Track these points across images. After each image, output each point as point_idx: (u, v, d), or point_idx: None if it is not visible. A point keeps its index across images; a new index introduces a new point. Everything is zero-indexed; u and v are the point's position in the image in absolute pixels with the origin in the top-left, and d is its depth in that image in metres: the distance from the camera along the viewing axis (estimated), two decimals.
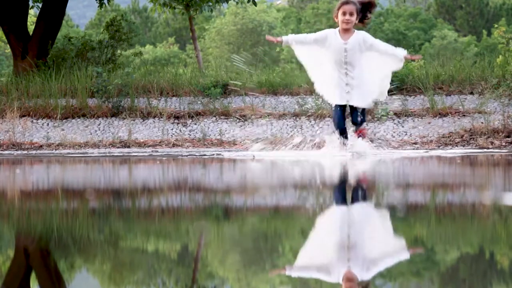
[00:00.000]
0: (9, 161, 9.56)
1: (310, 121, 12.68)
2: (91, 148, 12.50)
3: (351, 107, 9.48)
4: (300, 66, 10.79)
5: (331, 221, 3.66)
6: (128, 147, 12.50)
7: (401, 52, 9.38)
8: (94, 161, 9.35)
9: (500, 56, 14.34)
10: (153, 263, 2.58)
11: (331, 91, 9.50)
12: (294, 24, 56.70)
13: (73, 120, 13.37)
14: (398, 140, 11.99)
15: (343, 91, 9.39)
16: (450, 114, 12.51)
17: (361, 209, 4.10)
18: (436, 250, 2.86)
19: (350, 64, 9.38)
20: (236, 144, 12.32)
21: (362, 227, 3.46)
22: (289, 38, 9.47)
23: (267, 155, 10.29)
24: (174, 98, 13.63)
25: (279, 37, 9.62)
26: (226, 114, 13.10)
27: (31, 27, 17.16)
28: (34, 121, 13.40)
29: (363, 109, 9.66)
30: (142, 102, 13.48)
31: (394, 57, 9.42)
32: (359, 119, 9.54)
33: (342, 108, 9.49)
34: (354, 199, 4.55)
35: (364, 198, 4.64)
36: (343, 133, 9.52)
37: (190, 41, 39.25)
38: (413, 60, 9.21)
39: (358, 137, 9.50)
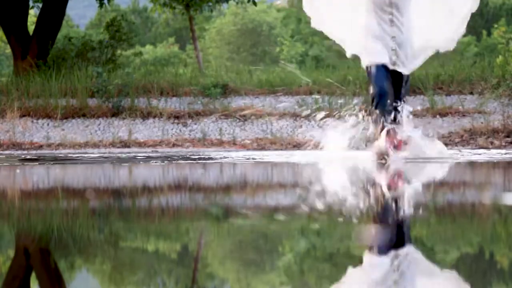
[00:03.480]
0: (9, 161, 9.57)
1: (310, 121, 12.67)
2: (91, 148, 12.51)
3: (396, 76, 6.78)
4: (301, 66, 10.46)
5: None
6: (128, 147, 12.50)
7: None
8: (93, 161, 9.36)
9: (500, 56, 14.35)
10: (153, 263, 2.59)
11: (371, 45, 6.80)
12: (294, 24, 56.69)
13: (73, 120, 13.37)
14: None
15: (388, 46, 6.74)
16: (450, 114, 12.52)
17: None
18: None
19: (396, 6, 6.73)
20: (236, 144, 12.33)
21: None
22: None
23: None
24: (174, 98, 13.63)
25: None
26: (226, 114, 13.11)
27: (31, 27, 17.17)
28: (34, 121, 13.40)
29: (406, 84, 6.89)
30: (142, 102, 13.48)
31: None
32: (405, 93, 6.80)
33: (386, 68, 6.76)
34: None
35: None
36: (385, 103, 6.67)
37: (190, 41, 39.28)
38: None
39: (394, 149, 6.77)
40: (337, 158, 7.35)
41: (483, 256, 2.78)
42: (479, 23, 55.44)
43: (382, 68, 6.73)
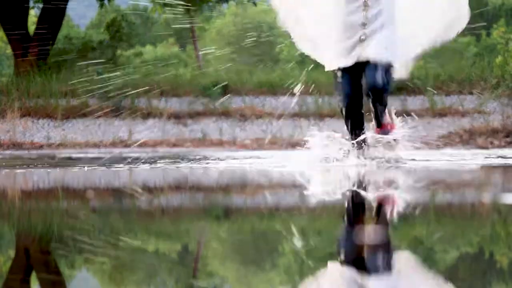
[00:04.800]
0: (9, 162, 9.59)
1: (310, 121, 12.68)
2: (91, 148, 12.52)
3: (368, 65, 5.70)
4: (301, 66, 10.49)
5: None
6: (129, 147, 12.52)
7: None
8: (93, 160, 9.37)
9: (499, 57, 14.38)
10: (153, 263, 2.60)
11: (332, 47, 5.82)
12: None
13: (74, 120, 13.38)
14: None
15: (354, 39, 5.72)
16: (449, 114, 12.53)
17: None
18: None
19: None
20: (236, 144, 12.34)
21: None
22: None
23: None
24: (174, 98, 13.64)
25: None
26: (226, 114, 13.11)
27: (31, 27, 17.18)
28: (35, 121, 13.41)
29: (388, 74, 5.76)
30: (142, 102, 13.49)
31: None
32: (380, 80, 5.67)
33: (351, 74, 5.84)
34: None
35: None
36: (353, 114, 5.99)
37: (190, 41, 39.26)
38: None
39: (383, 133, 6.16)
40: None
41: (482, 256, 2.78)
42: (479, 23, 55.42)
43: (345, 73, 5.91)
